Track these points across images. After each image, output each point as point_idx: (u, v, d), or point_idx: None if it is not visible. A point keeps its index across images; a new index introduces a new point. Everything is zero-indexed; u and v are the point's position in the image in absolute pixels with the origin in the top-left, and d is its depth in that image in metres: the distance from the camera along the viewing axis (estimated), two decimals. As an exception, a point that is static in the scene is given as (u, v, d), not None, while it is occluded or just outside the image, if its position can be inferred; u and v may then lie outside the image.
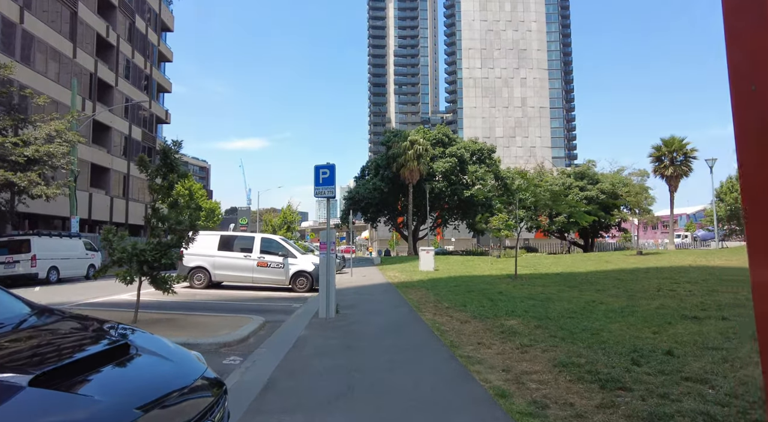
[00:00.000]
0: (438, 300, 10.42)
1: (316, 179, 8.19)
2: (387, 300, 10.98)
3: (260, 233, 14.69)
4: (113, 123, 32.71)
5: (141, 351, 2.25)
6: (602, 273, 16.76)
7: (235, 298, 12.27)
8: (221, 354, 6.01)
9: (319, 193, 8.19)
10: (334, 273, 8.42)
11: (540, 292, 11.21)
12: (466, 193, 38.79)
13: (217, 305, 10.88)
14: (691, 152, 34.40)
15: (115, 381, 1.92)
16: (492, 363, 4.94)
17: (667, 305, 8.38)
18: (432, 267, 21.16)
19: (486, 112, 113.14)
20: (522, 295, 10.66)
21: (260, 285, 14.45)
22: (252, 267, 14.22)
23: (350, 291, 13.13)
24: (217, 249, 14.56)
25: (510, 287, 12.56)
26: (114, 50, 33.00)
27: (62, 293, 13.23)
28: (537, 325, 6.95)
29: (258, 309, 10.06)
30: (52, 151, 16.86)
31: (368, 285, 15.27)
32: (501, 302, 9.54)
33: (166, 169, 7.36)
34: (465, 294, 11.14)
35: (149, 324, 7.46)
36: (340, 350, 5.80)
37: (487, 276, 17.12)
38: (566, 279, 14.72)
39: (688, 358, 4.70)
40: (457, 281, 14.97)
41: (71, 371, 1.79)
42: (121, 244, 7.34)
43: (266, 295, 13.06)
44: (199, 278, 14.49)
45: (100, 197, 31.49)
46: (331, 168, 8.11)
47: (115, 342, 2.28)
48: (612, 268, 18.60)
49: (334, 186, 8.06)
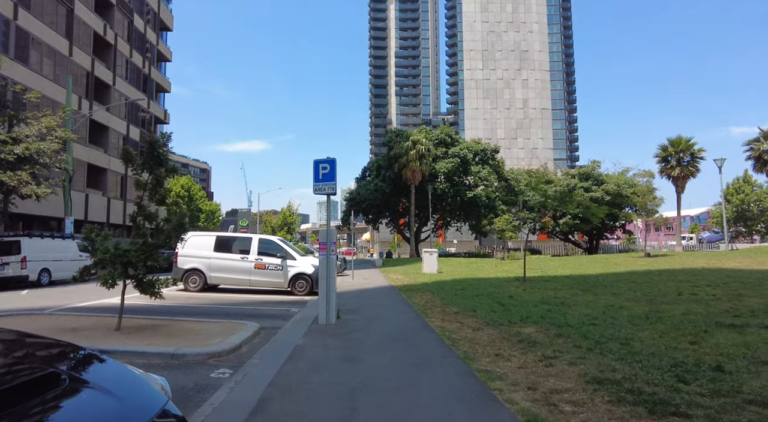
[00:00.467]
0: (445, 304, 9.81)
1: (316, 175, 7.59)
2: (391, 305, 10.37)
3: (258, 234, 14.08)
4: (111, 123, 32.18)
5: (78, 384, 1.63)
6: (613, 275, 16.13)
7: (230, 302, 11.67)
8: (209, 366, 5.41)
9: (319, 190, 7.59)
10: (334, 275, 7.82)
11: (553, 296, 10.60)
12: (469, 193, 38.17)
13: (211, 309, 10.28)
14: (698, 152, 33.71)
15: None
16: (515, 379, 4.34)
17: (694, 310, 7.77)
18: (435, 269, 20.56)
19: (487, 113, 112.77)
20: (534, 299, 10.05)
21: (258, 289, 13.87)
22: (249, 269, 13.63)
23: (352, 295, 12.52)
24: (213, 251, 13.97)
25: (520, 290, 11.94)
26: (112, 49, 32.48)
27: (49, 296, 12.64)
28: (557, 333, 6.34)
29: (254, 314, 9.46)
30: (42, 149, 16.28)
31: (370, 288, 14.66)
32: (513, 307, 8.93)
33: (153, 162, 6.77)
34: (473, 298, 10.53)
35: (133, 332, 6.87)
36: (342, 362, 5.20)
37: (493, 278, 16.50)
38: (577, 281, 14.09)
39: (742, 375, 4.09)
40: (462, 284, 14.35)
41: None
42: (104, 244, 6.75)
43: (264, 299, 12.46)
44: (194, 281, 13.90)
45: (97, 198, 30.94)
46: (331, 163, 7.51)
47: (40, 373, 1.67)
48: (622, 270, 17.98)
49: (334, 182, 7.46)
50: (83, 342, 6.12)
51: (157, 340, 6.39)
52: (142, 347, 5.95)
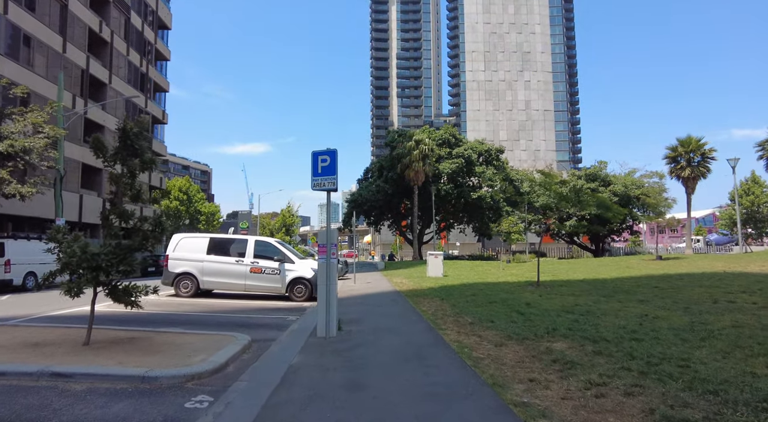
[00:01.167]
0: (458, 313, 8.89)
1: (314, 168, 6.71)
2: (397, 313, 9.46)
3: (255, 236, 13.19)
4: (106, 122, 31.35)
5: None
6: (631, 280, 15.19)
7: (223, 309, 10.78)
8: (186, 392, 4.51)
9: (318, 185, 6.70)
10: (335, 281, 6.92)
11: (573, 303, 9.68)
12: (474, 195, 37.24)
13: (201, 318, 9.38)
14: (709, 152, 32.76)
15: None
16: (563, 417, 3.43)
17: (743, 322, 6.85)
18: (441, 272, 19.65)
19: (490, 115, 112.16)
20: (555, 307, 9.13)
21: (254, 293, 12.97)
22: (244, 273, 12.74)
23: (354, 301, 11.61)
24: (206, 254, 13.09)
25: (536, 297, 11.02)
26: (108, 47, 31.67)
27: (29, 303, 11.76)
28: (595, 350, 5.43)
29: (246, 323, 8.56)
30: (27, 146, 15.43)
31: (374, 293, 13.75)
32: (534, 316, 8.01)
33: (126, 153, 5.90)
34: (487, 306, 9.61)
35: (104, 347, 5.97)
36: (343, 391, 4.29)
37: (503, 283, 15.58)
38: (595, 287, 13.15)
39: None
40: (472, 289, 13.43)
41: None
42: (72, 247, 5.86)
43: (260, 305, 11.56)
44: (185, 285, 13.01)
45: (92, 199, 30.07)
46: (331, 154, 6.63)
47: None
48: (638, 274, 17.02)
49: (335, 176, 6.57)
50: (40, 361, 5.23)
51: (129, 358, 5.49)
52: (108, 368, 5.04)
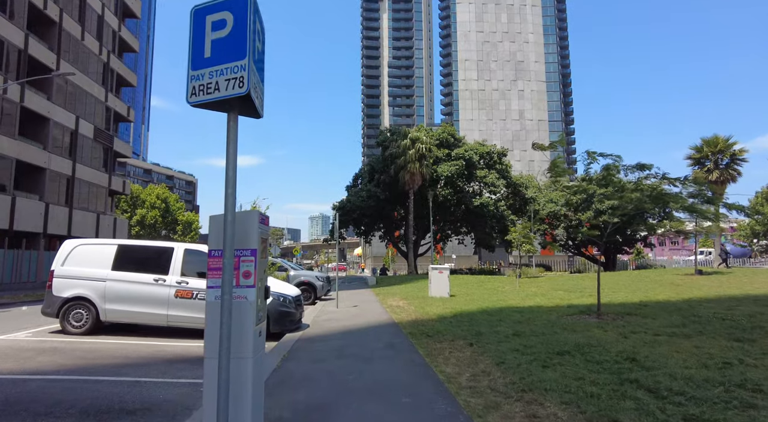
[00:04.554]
0: (518, 384, 4.68)
1: (197, 47, 2.56)
2: (400, 385, 5.19)
3: (185, 243, 8.72)
4: (52, 113, 26.92)
5: None
6: (706, 302, 11.14)
7: (112, 362, 6.46)
8: None
9: (205, 88, 2.54)
10: (255, 346, 2.76)
11: (693, 349, 5.55)
12: (475, 201, 33.21)
13: (51, 388, 5.05)
14: (739, 153, 29.33)
15: None
16: None
17: None
18: (447, 292, 15.51)
19: (483, 124, 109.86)
20: (684, 363, 4.99)
21: (181, 327, 8.66)
22: (167, 298, 8.46)
23: (326, 348, 7.31)
24: (111, 269, 8.79)
25: (624, 339, 6.85)
26: (56, 27, 27.41)
27: None
28: None
29: (123, 401, 4.28)
30: None
31: (360, 328, 9.45)
32: (674, 395, 3.86)
33: None
34: (559, 362, 5.44)
35: None
36: None
37: (538, 308, 11.42)
38: (683, 315, 9.02)
39: None
40: (503, 320, 9.24)
41: None
42: None
43: (179, 351, 7.27)
44: (78, 317, 8.67)
45: (31, 203, 25.49)
46: (238, 8, 2.48)
47: None
48: (703, 296, 12.98)
49: (245, 60, 2.43)
50: None
51: None
52: None
